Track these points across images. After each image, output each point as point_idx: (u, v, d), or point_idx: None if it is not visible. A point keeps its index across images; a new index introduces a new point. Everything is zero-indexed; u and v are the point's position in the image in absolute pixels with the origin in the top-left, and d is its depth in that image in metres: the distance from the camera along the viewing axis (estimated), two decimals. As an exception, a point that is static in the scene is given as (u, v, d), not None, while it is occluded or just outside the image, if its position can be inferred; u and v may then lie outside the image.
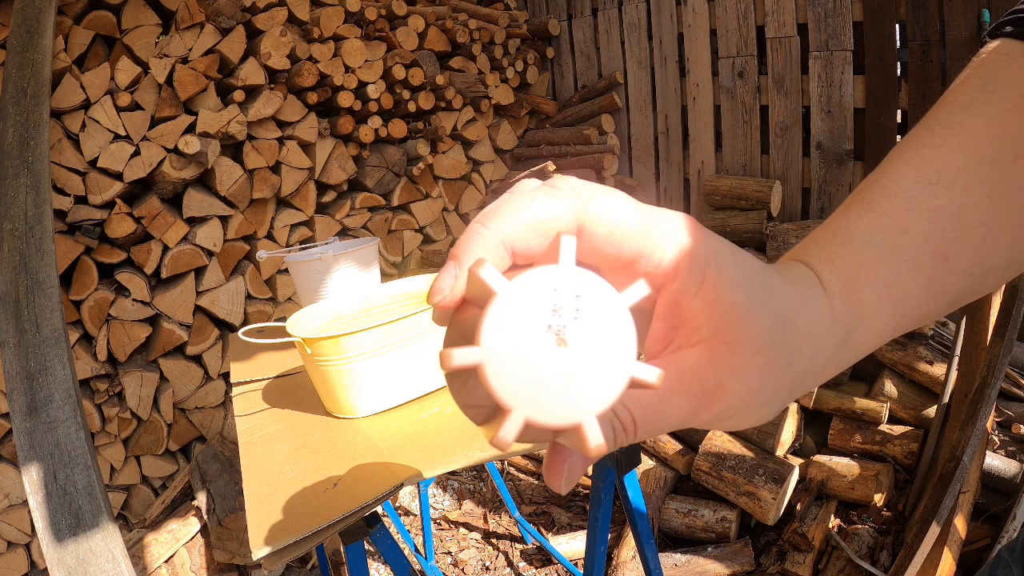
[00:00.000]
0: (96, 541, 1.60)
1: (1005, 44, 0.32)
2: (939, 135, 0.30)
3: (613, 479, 0.89)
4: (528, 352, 0.19)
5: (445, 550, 2.00)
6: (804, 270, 0.29)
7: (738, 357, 0.25)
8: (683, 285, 0.24)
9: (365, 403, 0.94)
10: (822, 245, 0.30)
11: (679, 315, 0.25)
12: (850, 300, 0.28)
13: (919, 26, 1.97)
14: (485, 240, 0.23)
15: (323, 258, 1.29)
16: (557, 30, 3.05)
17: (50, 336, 1.76)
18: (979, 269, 0.30)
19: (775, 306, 0.25)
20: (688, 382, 0.25)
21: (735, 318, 0.24)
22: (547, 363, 0.19)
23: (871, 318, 0.28)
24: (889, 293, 0.28)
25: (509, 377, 0.19)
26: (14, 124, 1.83)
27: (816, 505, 1.73)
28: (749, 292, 0.24)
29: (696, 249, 0.24)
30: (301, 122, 2.32)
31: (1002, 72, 0.31)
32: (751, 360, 0.25)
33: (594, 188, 0.24)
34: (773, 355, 0.25)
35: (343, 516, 0.71)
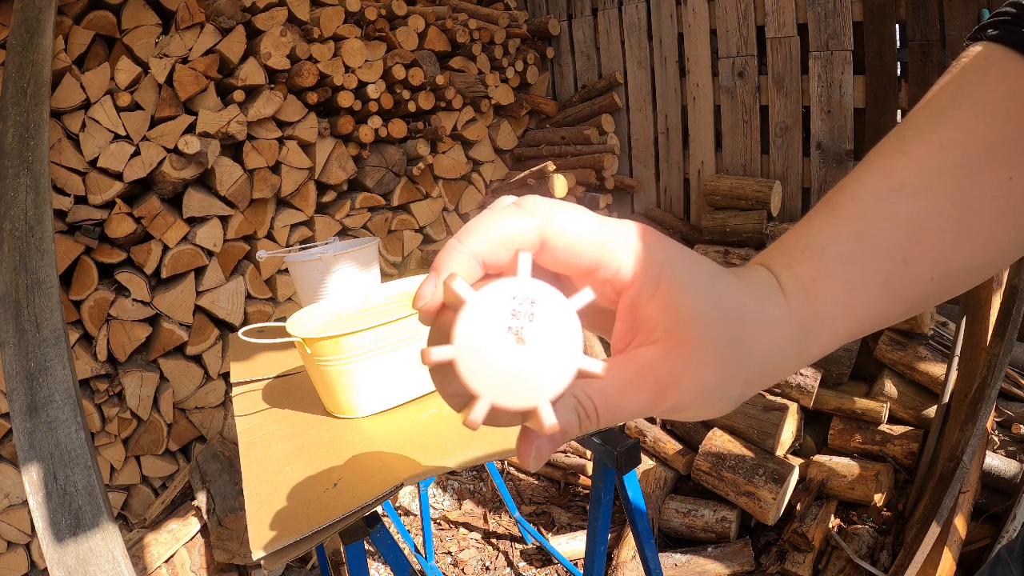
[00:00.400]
0: (96, 541, 1.60)
1: (985, 49, 0.33)
2: (909, 142, 0.32)
3: (613, 479, 0.89)
4: (492, 349, 0.23)
5: (445, 550, 2.00)
6: (765, 274, 0.30)
7: (690, 355, 0.27)
8: (639, 290, 0.27)
9: (365, 403, 0.94)
10: (784, 250, 0.31)
11: (638, 316, 0.28)
12: (807, 303, 0.30)
13: (919, 26, 1.97)
14: (460, 254, 0.26)
15: (323, 258, 1.29)
16: (557, 30, 3.05)
17: (50, 336, 1.75)
18: (941, 272, 0.31)
19: (727, 309, 0.27)
20: (645, 376, 0.27)
21: (687, 320, 0.27)
22: (508, 358, 0.23)
23: (828, 320, 0.30)
24: (845, 296, 0.30)
25: (477, 370, 0.23)
26: (14, 124, 1.83)
27: (816, 505, 1.73)
28: (701, 296, 0.27)
29: (651, 257, 0.27)
30: (301, 122, 2.32)
31: (977, 79, 0.32)
32: (703, 358, 0.27)
33: (555, 206, 0.27)
34: (725, 354, 0.27)
35: (343, 516, 0.71)
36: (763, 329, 0.29)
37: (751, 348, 0.28)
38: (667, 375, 0.27)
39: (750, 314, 0.28)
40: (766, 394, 1.89)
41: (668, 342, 0.27)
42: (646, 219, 2.88)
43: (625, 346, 0.29)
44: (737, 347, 0.28)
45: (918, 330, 1.78)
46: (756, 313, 0.28)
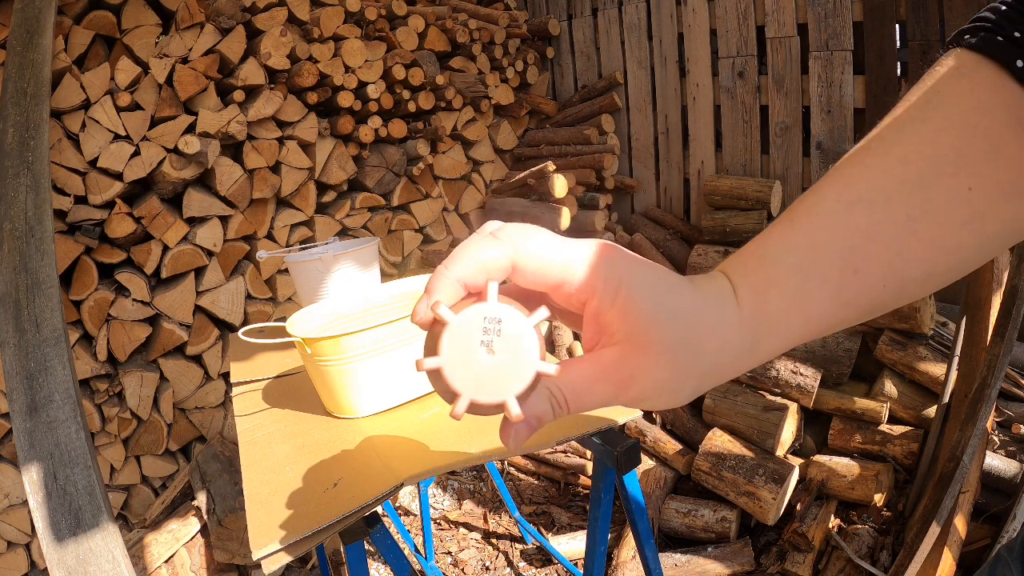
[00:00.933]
0: (96, 541, 1.60)
1: (959, 56, 0.34)
2: (872, 153, 0.33)
3: (613, 479, 0.89)
4: (469, 359, 0.30)
5: (445, 550, 2.00)
6: (722, 281, 0.34)
7: (645, 356, 0.31)
8: (600, 301, 0.32)
9: (365, 403, 0.94)
10: (742, 259, 0.35)
11: (600, 323, 0.33)
12: (758, 308, 0.33)
13: (919, 26, 1.97)
14: (445, 280, 0.32)
15: (323, 258, 1.29)
16: (557, 30, 3.05)
17: (50, 336, 1.75)
18: (894, 282, 0.32)
19: (679, 314, 0.32)
20: (608, 372, 0.32)
21: (642, 326, 0.31)
22: (482, 365, 0.30)
23: (778, 324, 0.33)
24: (796, 302, 0.33)
25: (459, 375, 0.30)
26: (14, 124, 1.83)
27: (816, 505, 1.73)
28: (655, 304, 0.31)
29: (610, 273, 0.32)
30: (301, 122, 2.32)
31: (947, 89, 0.33)
32: (657, 358, 0.31)
33: (526, 235, 0.32)
34: (676, 354, 0.31)
35: (343, 516, 0.71)
36: (714, 331, 0.32)
37: (702, 348, 0.32)
38: (627, 372, 0.32)
39: (701, 318, 0.32)
40: (766, 394, 1.89)
41: (626, 344, 0.32)
42: (646, 219, 2.88)
43: (593, 346, 0.34)
44: (688, 347, 0.32)
45: (918, 330, 1.78)
46: (707, 317, 0.32)
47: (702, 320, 0.32)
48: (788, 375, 1.85)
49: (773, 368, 1.88)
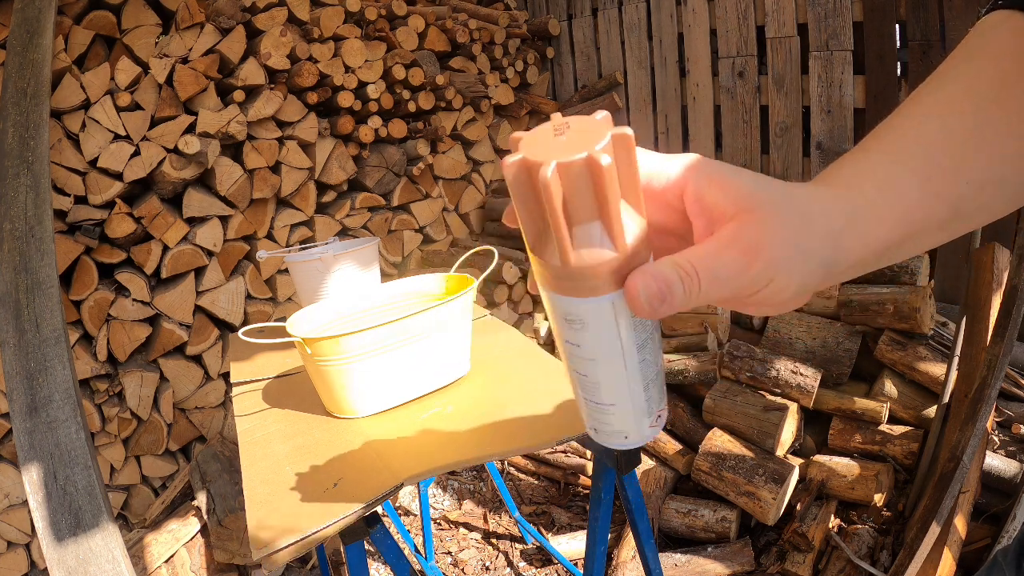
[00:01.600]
0: (96, 541, 1.60)
1: (992, 16, 0.39)
2: (921, 102, 0.38)
3: (613, 479, 0.89)
4: (544, 140, 0.31)
5: (445, 550, 2.00)
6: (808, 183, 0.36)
7: (762, 216, 0.31)
8: (696, 182, 0.33)
9: (365, 403, 0.94)
10: (830, 167, 0.37)
11: (706, 207, 0.33)
12: (850, 189, 0.34)
13: (919, 26, 1.97)
14: None
15: (323, 258, 1.29)
16: (557, 30, 3.05)
17: (50, 336, 1.75)
18: (972, 178, 0.35)
19: (776, 184, 0.33)
20: (732, 241, 0.32)
21: (746, 190, 0.32)
22: (557, 141, 0.30)
23: (873, 205, 0.34)
24: (888, 186, 0.34)
25: (537, 151, 0.30)
26: (14, 124, 1.83)
27: (816, 505, 1.73)
28: (750, 178, 0.33)
29: (697, 161, 0.33)
30: (301, 122, 2.32)
31: (981, 44, 0.38)
32: (774, 218, 0.32)
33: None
34: (790, 216, 0.32)
35: (343, 516, 0.71)
36: (812, 199, 0.33)
37: (811, 216, 0.33)
38: (750, 239, 0.31)
39: (796, 192, 0.33)
40: (766, 394, 1.89)
41: (741, 215, 0.32)
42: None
43: (708, 236, 0.34)
44: (798, 214, 0.32)
45: (918, 330, 1.78)
46: (802, 192, 0.33)
47: (796, 194, 0.33)
48: (788, 375, 1.85)
49: (773, 368, 1.88)
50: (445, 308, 0.95)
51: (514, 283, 2.63)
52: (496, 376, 1.03)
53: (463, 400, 0.97)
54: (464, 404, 0.95)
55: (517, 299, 2.69)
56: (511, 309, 2.70)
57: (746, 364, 1.93)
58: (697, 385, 2.08)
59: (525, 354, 1.11)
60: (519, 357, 1.10)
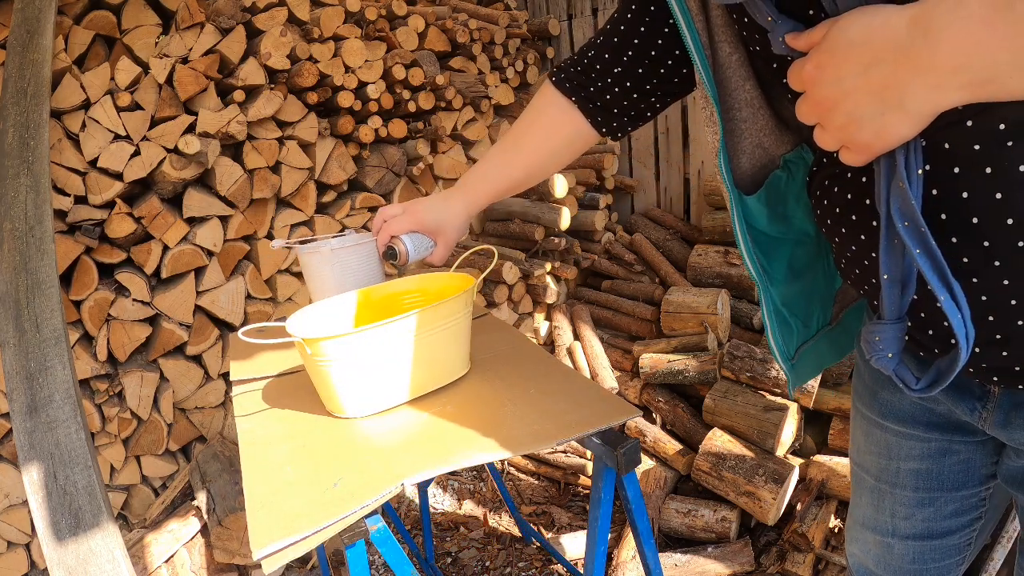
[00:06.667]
0: (96, 541, 1.60)
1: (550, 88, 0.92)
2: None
3: (613, 479, 0.89)
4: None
5: (445, 550, 2.00)
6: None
7: None
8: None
9: (365, 403, 0.94)
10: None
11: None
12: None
13: (919, 26, 1.97)
14: None
15: (334, 249, 1.30)
16: (557, 30, 3.05)
17: (50, 336, 1.76)
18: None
19: None
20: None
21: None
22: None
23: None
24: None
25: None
26: (14, 124, 1.83)
27: (816, 505, 1.73)
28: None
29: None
30: (301, 122, 2.32)
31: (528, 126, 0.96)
32: None
33: None
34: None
35: (343, 516, 0.71)
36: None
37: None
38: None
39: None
40: (766, 394, 1.89)
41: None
42: (646, 219, 2.88)
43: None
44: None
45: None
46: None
47: None
48: (788, 375, 1.85)
49: (773, 368, 1.88)
50: (445, 308, 0.95)
51: (514, 283, 2.63)
52: (496, 376, 1.03)
53: (463, 400, 0.97)
54: (464, 404, 0.95)
55: (517, 299, 2.69)
56: (511, 309, 2.70)
57: (746, 364, 1.93)
58: (697, 385, 2.08)
59: (525, 354, 1.11)
60: (519, 357, 1.10)
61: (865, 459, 0.81)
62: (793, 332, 0.79)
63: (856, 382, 0.82)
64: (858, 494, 0.83)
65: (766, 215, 0.73)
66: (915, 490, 0.75)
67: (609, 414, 0.86)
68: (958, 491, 0.74)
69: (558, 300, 2.77)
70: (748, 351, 1.95)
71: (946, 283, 0.46)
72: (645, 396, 2.17)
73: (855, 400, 0.83)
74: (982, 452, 0.72)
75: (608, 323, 2.60)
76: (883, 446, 0.77)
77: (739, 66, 0.66)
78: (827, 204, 0.61)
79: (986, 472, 0.73)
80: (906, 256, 0.49)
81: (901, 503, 0.77)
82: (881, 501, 0.79)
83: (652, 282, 2.62)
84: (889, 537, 0.79)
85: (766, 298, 0.76)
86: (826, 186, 0.61)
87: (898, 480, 0.76)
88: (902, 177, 0.45)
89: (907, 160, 0.45)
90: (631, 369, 2.29)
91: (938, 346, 0.57)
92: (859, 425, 0.81)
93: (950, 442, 0.71)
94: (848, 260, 0.60)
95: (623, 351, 2.38)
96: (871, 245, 0.55)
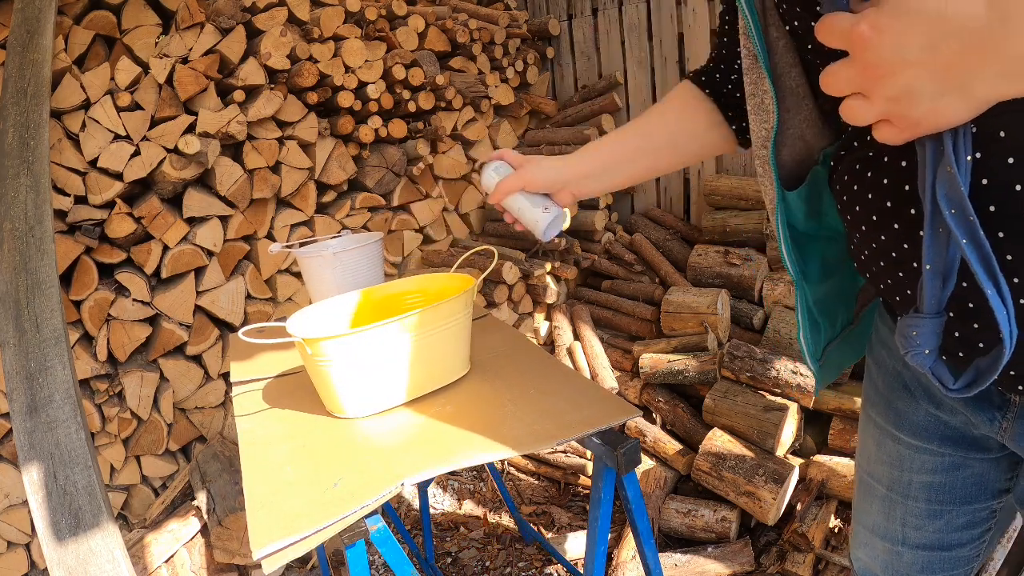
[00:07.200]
0: (96, 541, 1.60)
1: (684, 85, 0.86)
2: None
3: (613, 479, 0.89)
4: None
5: (445, 550, 2.00)
6: None
7: None
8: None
9: (365, 403, 0.94)
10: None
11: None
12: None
13: (919, 26, 1.97)
14: None
15: (335, 253, 1.30)
16: (557, 30, 3.06)
17: (50, 336, 1.76)
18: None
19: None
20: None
21: None
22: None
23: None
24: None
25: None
26: (14, 124, 1.83)
27: (816, 505, 1.73)
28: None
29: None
30: (301, 122, 2.32)
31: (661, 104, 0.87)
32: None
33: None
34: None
35: (343, 516, 0.71)
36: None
37: None
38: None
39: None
40: (766, 394, 1.89)
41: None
42: (646, 219, 2.88)
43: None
44: None
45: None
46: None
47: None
48: (788, 375, 1.85)
49: (773, 368, 1.88)
50: (445, 308, 0.95)
51: (514, 283, 2.63)
52: (496, 376, 1.03)
53: (463, 400, 0.97)
54: (464, 404, 0.95)
55: (517, 299, 2.69)
56: (511, 309, 2.70)
57: (746, 364, 1.93)
58: (697, 385, 2.08)
59: (525, 354, 1.11)
60: (519, 357, 1.10)
61: (876, 468, 0.79)
62: (821, 332, 0.78)
63: (868, 388, 0.80)
64: (867, 501, 0.82)
65: (803, 212, 0.70)
66: (927, 502, 0.74)
67: (609, 414, 0.86)
68: (970, 504, 0.73)
69: (558, 300, 2.77)
70: (748, 351, 1.95)
71: (992, 276, 0.43)
72: (645, 396, 2.17)
73: (866, 406, 0.81)
74: (996, 468, 0.70)
75: (608, 323, 2.60)
76: (896, 457, 0.75)
77: (785, 51, 0.64)
78: (857, 190, 0.57)
79: (999, 487, 0.72)
80: (950, 246, 0.45)
81: (912, 514, 0.76)
82: (892, 511, 0.78)
83: (652, 282, 2.62)
84: (899, 545, 0.78)
85: (800, 298, 0.74)
86: (856, 171, 0.57)
87: (910, 492, 0.75)
88: (950, 162, 0.42)
89: (955, 145, 0.42)
90: (631, 369, 2.29)
91: (975, 344, 0.53)
92: (871, 433, 0.79)
93: (964, 457, 0.70)
94: (872, 252, 0.57)
95: (623, 351, 2.38)
96: (904, 235, 0.52)
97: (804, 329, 0.75)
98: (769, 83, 0.64)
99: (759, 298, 2.26)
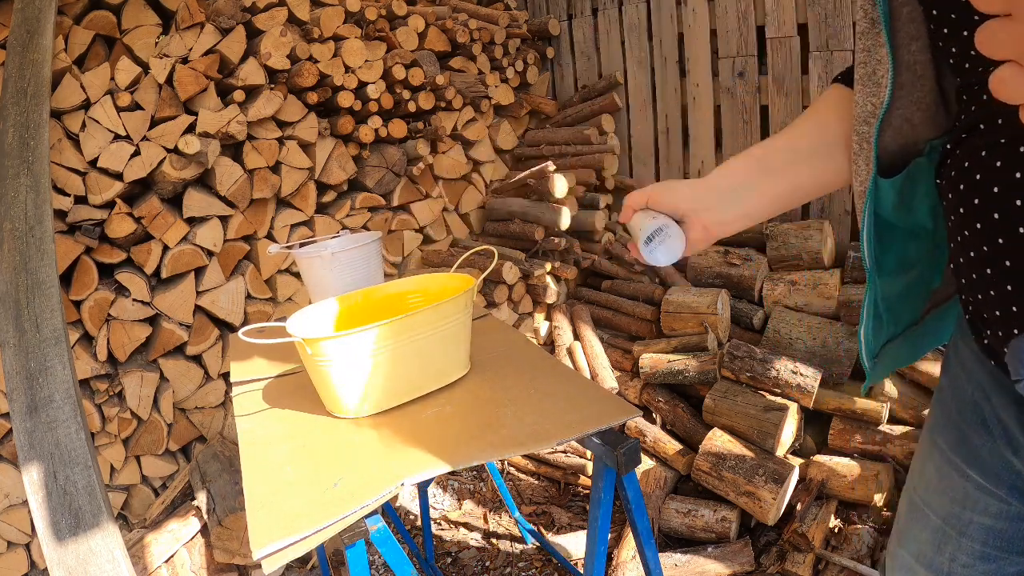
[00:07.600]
0: (96, 541, 1.60)
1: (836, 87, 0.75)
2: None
3: (613, 479, 0.89)
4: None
5: (445, 550, 2.00)
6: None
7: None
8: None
9: (365, 403, 0.94)
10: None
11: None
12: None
13: (919, 26, 1.97)
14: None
15: (334, 253, 1.30)
16: (557, 30, 3.06)
17: (50, 336, 1.76)
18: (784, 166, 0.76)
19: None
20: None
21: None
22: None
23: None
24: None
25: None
26: (14, 124, 1.83)
27: (816, 505, 1.73)
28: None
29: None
30: (301, 122, 2.32)
31: (810, 109, 0.75)
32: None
33: None
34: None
35: (343, 516, 0.71)
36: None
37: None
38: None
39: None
40: (766, 394, 1.89)
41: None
42: (646, 219, 2.88)
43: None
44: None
45: (918, 330, 1.78)
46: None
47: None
48: (788, 375, 1.85)
49: (773, 368, 1.88)
50: (445, 308, 0.95)
51: (514, 283, 2.63)
52: (496, 376, 1.03)
53: (463, 400, 0.97)
54: (464, 404, 0.95)
55: (517, 299, 2.69)
56: (511, 309, 2.70)
57: (746, 364, 1.93)
58: (697, 385, 2.08)
59: (525, 354, 1.11)
60: (519, 357, 1.10)
61: (934, 499, 0.74)
62: (884, 329, 0.73)
63: (937, 411, 0.74)
64: (916, 528, 0.77)
65: (892, 202, 0.64)
66: (983, 545, 0.69)
67: (609, 414, 0.86)
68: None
69: (558, 300, 2.77)
70: (748, 351, 1.95)
71: None
72: (645, 396, 2.17)
73: (933, 431, 0.75)
74: None
75: (608, 323, 2.60)
76: (960, 493, 0.70)
77: (908, 20, 0.56)
78: (979, 179, 0.49)
79: None
80: None
81: (965, 552, 0.71)
82: (944, 544, 0.73)
83: (652, 282, 2.62)
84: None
85: (870, 291, 0.69)
86: (982, 159, 0.49)
87: (967, 531, 0.70)
88: None
89: None
90: (631, 369, 2.29)
91: None
92: (933, 461, 0.73)
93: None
94: (979, 256, 0.50)
95: (623, 351, 2.38)
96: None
97: (867, 325, 0.70)
98: (888, 51, 0.57)
99: (759, 298, 2.26)
